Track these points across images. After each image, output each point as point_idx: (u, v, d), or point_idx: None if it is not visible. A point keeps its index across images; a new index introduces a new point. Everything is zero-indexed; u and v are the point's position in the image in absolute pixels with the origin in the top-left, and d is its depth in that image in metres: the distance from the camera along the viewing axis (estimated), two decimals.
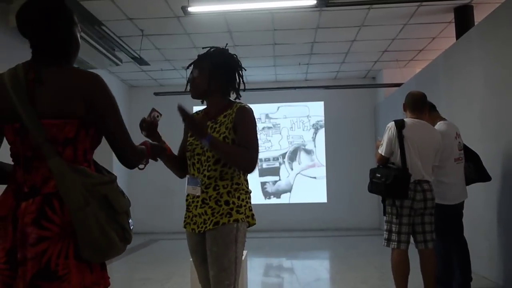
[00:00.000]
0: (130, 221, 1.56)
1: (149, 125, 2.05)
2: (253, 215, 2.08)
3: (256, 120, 2.11)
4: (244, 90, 2.18)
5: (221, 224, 1.95)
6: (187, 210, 2.11)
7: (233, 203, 1.99)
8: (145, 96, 9.40)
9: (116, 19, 5.89)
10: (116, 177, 1.58)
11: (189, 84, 2.14)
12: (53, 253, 1.38)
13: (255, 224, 2.08)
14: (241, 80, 2.15)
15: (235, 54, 2.16)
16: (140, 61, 7.26)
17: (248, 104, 2.11)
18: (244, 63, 2.22)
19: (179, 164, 2.19)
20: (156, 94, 8.71)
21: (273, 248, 7.34)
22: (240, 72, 2.15)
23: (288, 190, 9.63)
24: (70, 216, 1.39)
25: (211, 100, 2.14)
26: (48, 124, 1.44)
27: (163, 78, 9.18)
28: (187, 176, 2.14)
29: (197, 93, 2.12)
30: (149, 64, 7.76)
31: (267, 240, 7.70)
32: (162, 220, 9.44)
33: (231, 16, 5.86)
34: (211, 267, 1.97)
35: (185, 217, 2.12)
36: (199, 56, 2.14)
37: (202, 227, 2.00)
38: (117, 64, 6.82)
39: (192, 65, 2.16)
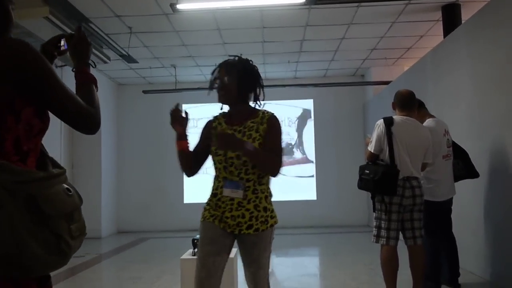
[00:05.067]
0: (73, 226, 1.24)
1: (176, 114, 2.20)
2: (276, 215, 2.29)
3: None
4: (264, 99, 2.32)
5: (261, 230, 2.13)
6: (214, 210, 2.17)
7: (269, 209, 2.19)
8: (134, 94, 9.35)
9: (104, 16, 5.84)
10: (61, 172, 1.30)
11: (217, 89, 2.22)
12: None
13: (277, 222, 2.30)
14: (262, 90, 2.28)
15: (256, 66, 2.31)
16: (128, 58, 7.21)
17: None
18: None
19: (192, 162, 2.25)
20: (145, 92, 8.66)
21: None
22: (261, 82, 2.29)
23: (277, 187, 9.62)
24: None
25: (237, 107, 2.24)
26: None
27: (152, 76, 9.13)
28: (223, 179, 2.17)
29: (228, 99, 2.21)
30: (137, 62, 7.71)
31: None
32: (151, 219, 9.39)
33: (220, 13, 5.84)
34: (250, 265, 2.17)
35: (212, 215, 2.18)
36: (226, 62, 2.23)
37: (235, 229, 2.13)
38: (105, 62, 6.76)
39: (217, 71, 2.24)
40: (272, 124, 2.20)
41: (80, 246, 1.30)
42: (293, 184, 9.60)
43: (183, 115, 2.23)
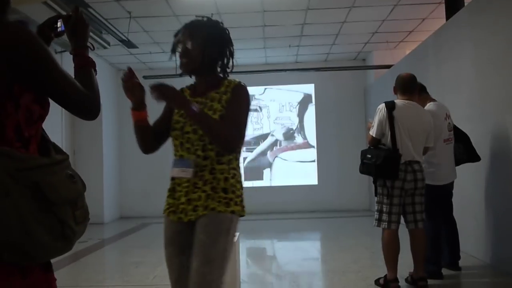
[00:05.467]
0: (77, 213, 1.25)
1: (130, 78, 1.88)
2: (244, 206, 1.88)
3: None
4: (231, 71, 1.99)
5: (217, 211, 1.76)
6: (171, 197, 1.88)
7: (233, 192, 1.82)
8: None
9: (103, 0, 5.78)
10: (64, 158, 1.29)
11: (180, 55, 1.90)
12: None
13: (244, 215, 1.88)
14: (231, 58, 1.96)
15: (227, 29, 1.98)
16: (128, 44, 7.16)
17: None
18: (234, 46, 2.08)
19: (149, 137, 1.96)
20: (145, 77, 8.58)
21: (264, 230, 7.40)
22: (232, 49, 1.96)
23: (278, 172, 9.66)
24: None
25: (201, 76, 1.94)
26: None
27: (152, 62, 9.08)
28: (174, 158, 1.90)
29: (191, 67, 1.89)
30: (137, 47, 7.66)
31: (258, 223, 7.75)
32: (153, 205, 9.41)
33: None
34: (194, 258, 1.74)
35: (168, 205, 1.90)
36: (191, 24, 1.90)
37: (192, 215, 1.79)
38: (104, 47, 6.72)
39: (181, 33, 1.90)
40: (237, 93, 1.86)
41: (84, 232, 1.30)
42: (295, 169, 9.62)
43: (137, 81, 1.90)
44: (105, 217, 8.61)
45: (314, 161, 9.64)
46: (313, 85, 9.70)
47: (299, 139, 9.78)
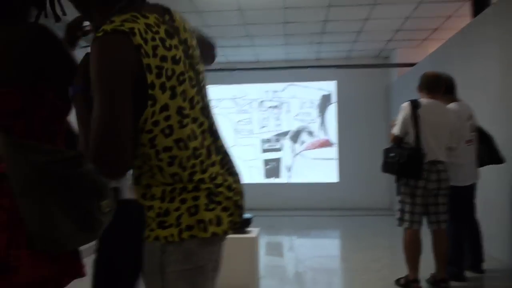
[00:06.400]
0: (103, 203, 1.26)
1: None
2: (203, 221, 1.15)
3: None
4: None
5: (146, 239, 1.19)
6: None
7: (153, 208, 1.18)
8: None
9: None
10: None
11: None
12: (1, 243, 1.16)
13: (211, 235, 1.16)
14: None
15: None
16: None
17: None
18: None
19: None
20: None
21: (284, 227, 7.41)
22: None
23: (298, 169, 9.64)
24: (17, 202, 1.16)
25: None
26: None
27: None
28: None
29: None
30: None
31: (277, 219, 7.76)
32: None
33: None
34: None
35: None
36: None
37: None
38: None
39: None
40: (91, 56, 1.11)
41: (109, 222, 1.32)
42: (315, 166, 9.59)
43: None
44: None
45: (335, 158, 9.59)
46: (334, 82, 9.64)
47: (319, 137, 9.74)
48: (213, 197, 1.18)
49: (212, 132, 1.26)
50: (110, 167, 1.09)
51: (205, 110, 1.25)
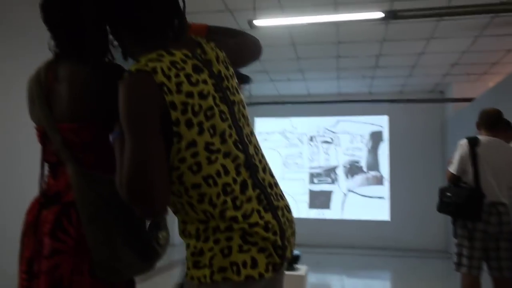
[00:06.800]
0: (161, 234, 1.33)
1: None
2: (236, 263, 1.10)
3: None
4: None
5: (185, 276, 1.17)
6: None
7: (189, 247, 1.17)
8: None
9: None
10: None
11: None
12: (67, 269, 1.23)
13: (245, 278, 1.10)
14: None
15: None
16: None
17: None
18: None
19: None
20: None
21: (332, 265, 7.17)
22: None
23: (346, 205, 9.40)
24: (84, 230, 1.23)
25: None
26: (63, 128, 1.29)
27: None
28: None
29: None
30: None
31: (325, 256, 7.54)
32: None
33: (295, 29, 5.86)
34: None
35: None
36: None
37: None
38: None
39: None
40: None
41: (165, 253, 1.38)
42: (365, 203, 9.32)
43: None
44: (176, 239, 8.81)
45: (386, 196, 9.28)
46: (386, 117, 9.44)
47: (370, 173, 9.50)
48: (248, 238, 1.12)
49: (249, 166, 1.19)
50: (143, 206, 1.08)
51: (241, 143, 1.19)
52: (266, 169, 1.26)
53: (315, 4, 5.16)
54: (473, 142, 3.21)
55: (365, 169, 9.46)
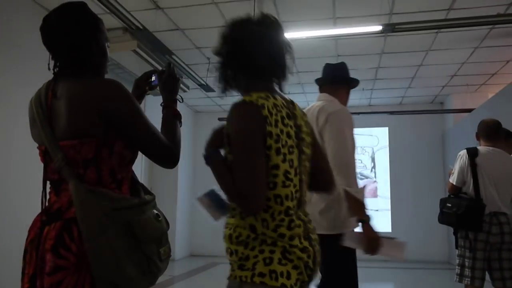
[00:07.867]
0: (162, 250, 1.36)
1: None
2: (275, 272, 1.31)
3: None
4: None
5: (229, 277, 1.41)
6: None
7: (236, 254, 1.38)
8: (210, 121, 9.66)
9: (186, 48, 6.16)
10: (151, 198, 1.43)
11: None
12: (69, 285, 1.24)
13: (280, 285, 1.31)
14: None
15: None
16: (206, 87, 7.51)
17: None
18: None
19: None
20: (220, 119, 8.93)
21: None
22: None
23: None
24: (85, 246, 1.24)
25: None
26: (65, 145, 1.32)
27: (226, 104, 9.40)
28: None
29: None
30: (214, 91, 7.99)
31: None
32: (222, 244, 9.51)
33: (295, 43, 5.90)
34: None
35: None
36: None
37: None
38: (184, 91, 7.10)
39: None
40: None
41: (166, 268, 1.39)
42: None
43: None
44: (176, 254, 8.79)
45: (386, 208, 9.26)
46: (387, 128, 9.47)
47: (371, 185, 9.49)
48: (287, 255, 1.34)
49: (300, 202, 1.45)
50: (249, 205, 1.31)
51: (302, 183, 1.46)
52: (304, 207, 1.52)
53: (314, 18, 5.23)
54: (472, 153, 3.23)
55: (366, 181, 9.46)
